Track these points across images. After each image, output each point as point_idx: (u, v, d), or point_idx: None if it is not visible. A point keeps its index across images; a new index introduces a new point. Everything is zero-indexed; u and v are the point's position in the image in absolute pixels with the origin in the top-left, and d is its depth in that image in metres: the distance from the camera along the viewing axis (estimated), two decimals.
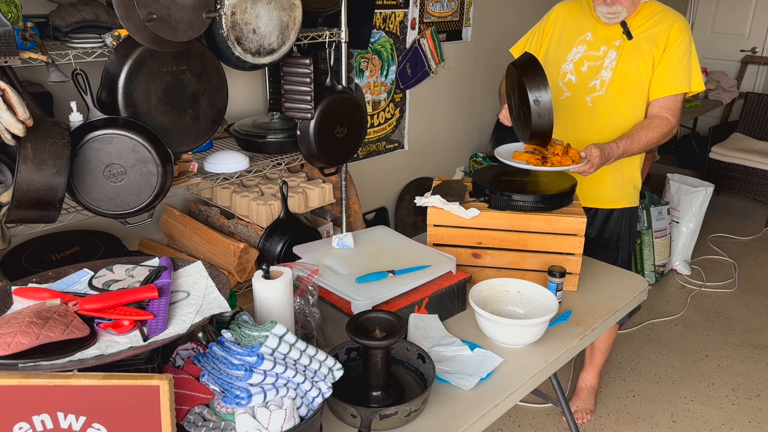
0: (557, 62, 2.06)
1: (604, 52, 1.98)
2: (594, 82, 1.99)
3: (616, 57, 1.96)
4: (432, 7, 3.35)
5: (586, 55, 2.00)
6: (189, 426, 1.02)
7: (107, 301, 1.11)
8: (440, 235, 1.77)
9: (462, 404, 1.30)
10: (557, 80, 2.05)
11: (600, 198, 2.12)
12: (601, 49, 1.98)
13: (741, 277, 3.68)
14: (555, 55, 2.07)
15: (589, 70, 2.00)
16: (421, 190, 3.42)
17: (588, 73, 2.00)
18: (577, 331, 1.60)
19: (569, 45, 2.04)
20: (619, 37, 1.96)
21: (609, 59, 1.97)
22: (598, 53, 1.99)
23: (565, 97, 2.05)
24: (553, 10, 2.14)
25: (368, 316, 1.29)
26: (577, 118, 2.03)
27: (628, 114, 2.00)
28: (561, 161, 1.77)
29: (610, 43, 1.97)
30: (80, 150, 1.50)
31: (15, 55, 1.32)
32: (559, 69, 2.05)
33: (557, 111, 2.04)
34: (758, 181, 4.41)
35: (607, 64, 1.97)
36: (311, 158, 2.12)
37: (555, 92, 2.05)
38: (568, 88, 2.04)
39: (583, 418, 2.46)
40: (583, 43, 2.01)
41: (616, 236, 2.17)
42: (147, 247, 2.23)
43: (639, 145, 1.91)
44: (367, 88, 3.15)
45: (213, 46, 1.73)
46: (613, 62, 1.96)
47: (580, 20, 2.05)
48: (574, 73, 2.02)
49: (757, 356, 2.91)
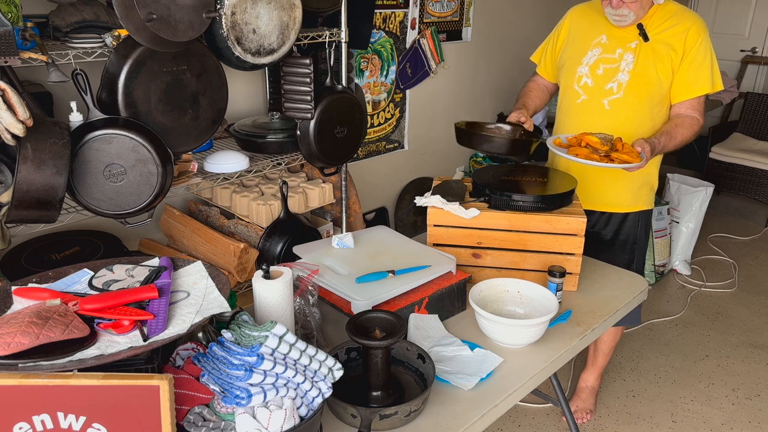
0: (573, 66, 2.04)
1: (620, 54, 1.96)
2: (610, 85, 1.97)
3: (633, 60, 1.93)
4: (432, 7, 3.35)
5: (601, 58, 1.98)
6: (189, 426, 1.02)
7: (107, 301, 1.11)
8: (440, 235, 1.77)
9: (462, 404, 1.30)
10: (573, 84, 2.04)
11: (617, 202, 2.10)
12: (617, 52, 1.96)
13: (741, 277, 3.68)
14: (571, 59, 2.06)
15: (605, 72, 1.98)
16: (421, 190, 3.42)
17: (604, 75, 1.98)
18: (577, 331, 1.60)
19: (584, 48, 2.02)
20: (635, 39, 1.94)
21: (625, 62, 1.95)
22: (613, 56, 1.97)
23: (581, 101, 2.03)
24: (567, 14, 2.14)
25: (368, 316, 1.29)
26: (594, 121, 2.00)
27: (645, 116, 1.98)
28: (620, 158, 1.76)
29: (626, 46, 1.95)
30: (80, 150, 1.50)
31: (15, 55, 1.32)
32: (575, 72, 2.03)
33: (572, 114, 2.06)
34: (758, 181, 4.40)
35: (624, 67, 1.95)
36: (311, 158, 2.12)
37: (571, 96, 2.05)
38: (584, 92, 2.02)
39: (583, 418, 2.46)
40: (599, 45, 2.00)
41: (632, 238, 2.15)
42: (147, 247, 2.23)
43: (675, 143, 1.92)
44: (367, 88, 3.15)
45: (213, 46, 1.73)
46: (630, 65, 1.94)
47: (594, 23, 2.03)
48: (590, 76, 2.00)
49: (757, 356, 2.91)
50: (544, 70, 2.21)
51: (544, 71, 2.21)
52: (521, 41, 4.06)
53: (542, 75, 2.22)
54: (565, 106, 2.10)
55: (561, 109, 2.13)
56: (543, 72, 2.22)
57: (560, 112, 2.14)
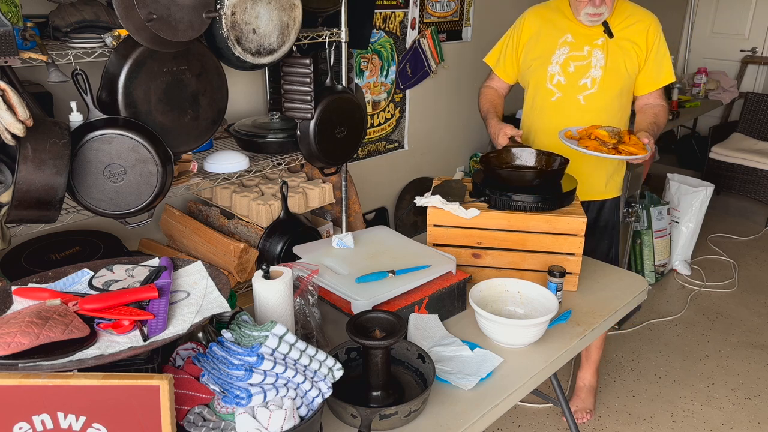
0: (542, 65, 2.11)
1: (589, 51, 2.05)
2: (584, 81, 2.06)
3: (603, 56, 2.04)
4: (432, 7, 3.35)
5: (570, 56, 2.07)
6: (189, 426, 1.02)
7: (107, 301, 1.11)
8: (440, 235, 1.77)
9: (462, 404, 1.30)
10: (545, 83, 2.11)
11: (598, 191, 2.21)
12: (585, 49, 2.06)
13: (741, 277, 3.68)
14: (538, 59, 2.12)
15: (576, 70, 2.06)
16: (421, 190, 3.42)
17: (575, 73, 2.07)
18: (577, 331, 1.60)
19: (551, 48, 2.09)
20: (600, 36, 2.04)
21: (596, 58, 2.05)
22: (582, 53, 2.06)
23: (556, 98, 2.11)
24: (523, 16, 2.20)
25: (368, 316, 1.29)
26: (570, 117, 2.09)
27: (616, 108, 2.10)
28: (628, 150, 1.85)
29: (593, 43, 2.05)
30: (80, 150, 1.50)
31: (15, 55, 1.32)
32: (546, 72, 2.10)
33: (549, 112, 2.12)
34: (758, 181, 4.40)
35: (595, 63, 2.05)
36: (311, 158, 2.12)
37: (544, 94, 2.13)
38: (558, 89, 2.10)
39: (583, 418, 2.46)
40: (565, 44, 2.08)
41: (611, 224, 2.28)
42: (147, 247, 2.23)
43: (659, 130, 2.06)
44: (367, 88, 3.15)
45: (213, 46, 1.73)
46: (601, 61, 2.04)
47: (555, 23, 2.11)
48: (562, 74, 2.08)
49: (757, 356, 2.92)
50: (503, 71, 2.25)
51: (503, 72, 2.25)
52: None
53: (500, 76, 2.26)
54: (539, 105, 2.16)
55: (534, 108, 2.18)
56: (501, 73, 2.25)
57: (533, 110, 2.19)
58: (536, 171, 1.87)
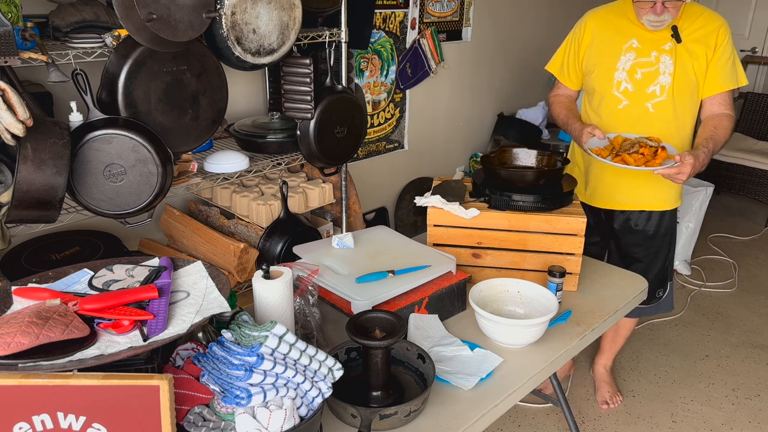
0: (607, 71, 2.03)
1: (656, 57, 1.97)
2: (653, 88, 1.99)
3: (671, 62, 1.96)
4: (432, 7, 3.35)
5: (637, 62, 1.99)
6: (189, 426, 1.02)
7: (107, 301, 1.11)
8: (440, 235, 1.77)
9: (462, 404, 1.30)
10: (612, 90, 2.04)
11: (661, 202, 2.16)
12: (652, 55, 1.97)
13: (741, 277, 3.68)
14: (601, 65, 2.05)
15: (644, 76, 1.99)
16: (421, 190, 3.42)
17: (643, 80, 1.99)
18: (577, 331, 1.60)
19: (616, 53, 2.01)
20: (668, 41, 1.95)
21: (664, 64, 1.96)
22: (649, 59, 1.98)
23: (623, 106, 2.03)
24: (583, 20, 2.11)
25: (368, 316, 1.29)
26: (639, 125, 2.02)
27: (687, 115, 2.02)
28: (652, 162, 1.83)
29: (660, 48, 1.97)
30: (80, 150, 1.50)
31: (15, 55, 1.32)
32: (612, 78, 2.03)
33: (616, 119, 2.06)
34: (758, 181, 4.40)
35: (664, 69, 1.97)
36: (311, 158, 2.12)
37: (610, 102, 2.05)
38: (626, 97, 2.02)
39: (615, 402, 2.53)
40: (631, 50, 1.99)
41: (670, 231, 2.24)
42: (147, 247, 2.23)
43: (719, 145, 1.96)
44: (367, 88, 3.15)
45: (213, 46, 1.73)
46: (669, 67, 1.96)
47: (618, 27, 2.02)
48: (629, 81, 2.00)
49: (757, 356, 2.91)
50: (567, 79, 2.18)
51: (568, 80, 2.18)
52: (521, 41, 4.06)
53: (566, 84, 2.19)
54: (605, 112, 2.08)
55: (600, 115, 2.10)
56: (567, 81, 2.19)
57: (598, 117, 2.11)
58: (536, 171, 1.87)
